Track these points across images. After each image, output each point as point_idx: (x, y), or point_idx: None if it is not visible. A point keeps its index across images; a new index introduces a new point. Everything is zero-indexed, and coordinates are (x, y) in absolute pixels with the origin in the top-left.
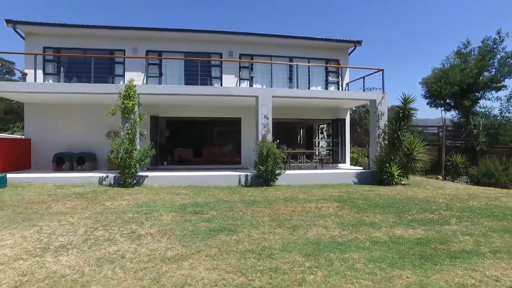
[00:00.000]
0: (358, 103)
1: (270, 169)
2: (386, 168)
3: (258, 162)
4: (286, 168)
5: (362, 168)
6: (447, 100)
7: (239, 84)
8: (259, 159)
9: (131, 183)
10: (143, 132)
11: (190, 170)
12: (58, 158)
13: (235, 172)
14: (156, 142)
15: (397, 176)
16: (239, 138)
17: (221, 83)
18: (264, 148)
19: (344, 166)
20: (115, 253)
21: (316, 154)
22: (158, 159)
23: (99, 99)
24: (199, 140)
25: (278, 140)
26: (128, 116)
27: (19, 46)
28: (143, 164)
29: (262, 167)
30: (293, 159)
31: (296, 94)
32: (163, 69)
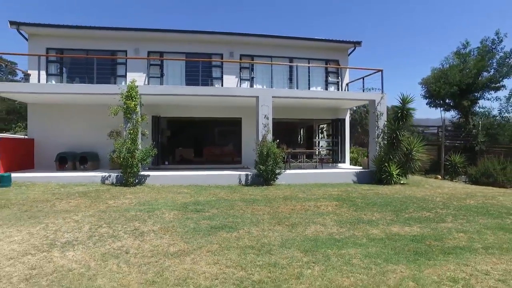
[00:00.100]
0: (358, 103)
1: (270, 168)
2: (385, 168)
3: (259, 162)
4: (286, 168)
5: (362, 167)
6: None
7: (239, 84)
8: (260, 159)
9: (133, 182)
10: (145, 132)
11: (191, 170)
12: (61, 158)
13: (236, 172)
14: (158, 142)
15: (396, 175)
16: (239, 138)
17: (222, 83)
18: (265, 148)
19: (344, 165)
20: (119, 248)
21: (316, 153)
22: (159, 159)
23: (101, 100)
24: (200, 140)
25: (278, 140)
26: (130, 116)
27: (21, 47)
28: (145, 163)
29: (262, 166)
30: (293, 159)
31: (296, 95)
32: (164, 69)
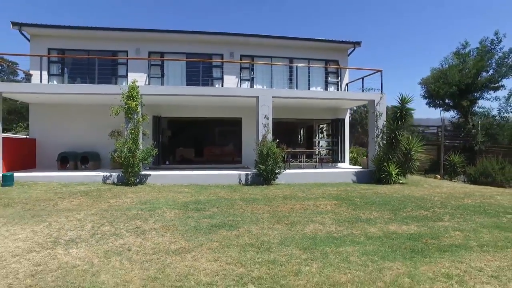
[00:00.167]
0: (357, 103)
1: (270, 168)
2: (384, 167)
3: (259, 161)
4: (286, 167)
5: (361, 167)
6: (446, 100)
7: (240, 84)
8: (260, 159)
9: (134, 182)
10: (146, 132)
11: (192, 169)
12: (63, 158)
13: (236, 171)
14: (159, 141)
15: (395, 175)
16: (240, 138)
17: (222, 83)
18: (265, 147)
19: (344, 165)
20: (121, 246)
21: (316, 153)
22: (160, 159)
23: (102, 100)
24: (200, 140)
25: (278, 140)
26: (131, 116)
27: (22, 47)
28: (146, 163)
29: (262, 166)
30: (293, 159)
31: (296, 95)
32: (165, 70)
